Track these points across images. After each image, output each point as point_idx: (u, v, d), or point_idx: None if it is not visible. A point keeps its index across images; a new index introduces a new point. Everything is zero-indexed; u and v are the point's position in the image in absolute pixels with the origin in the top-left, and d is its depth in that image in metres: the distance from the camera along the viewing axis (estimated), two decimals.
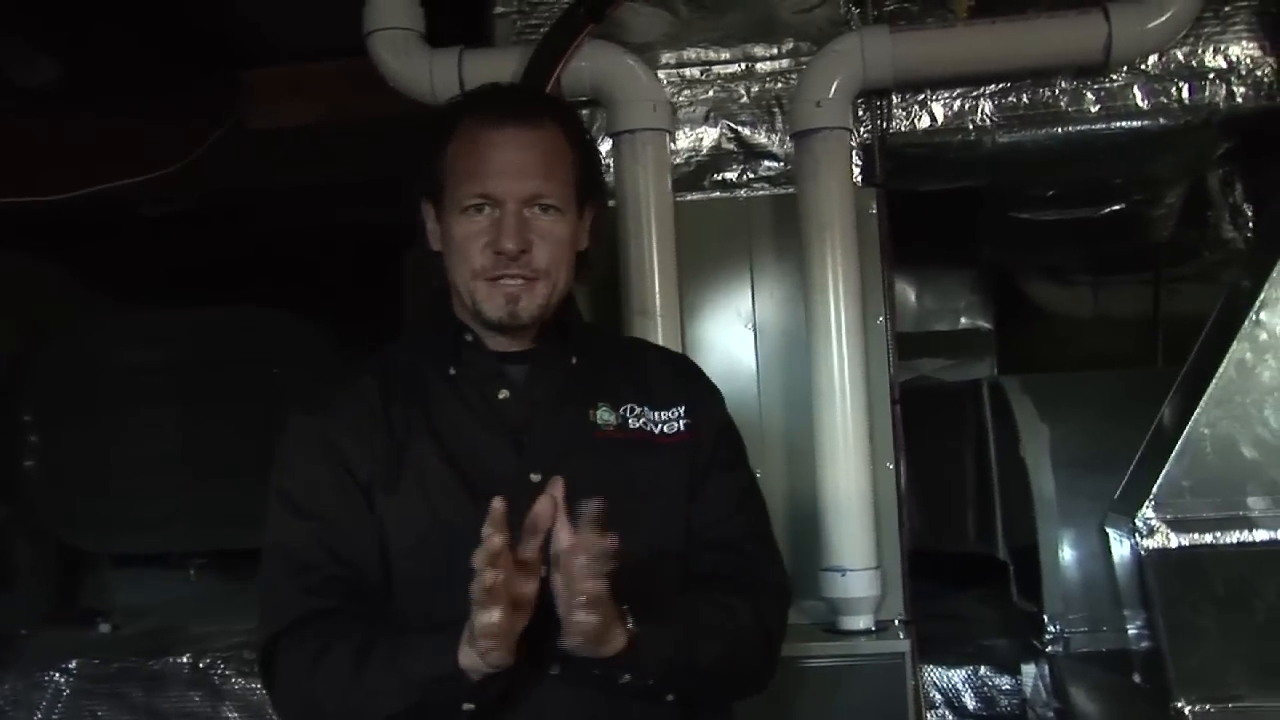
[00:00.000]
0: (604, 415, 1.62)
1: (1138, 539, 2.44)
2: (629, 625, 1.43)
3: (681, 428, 1.66)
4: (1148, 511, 2.44)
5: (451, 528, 1.52)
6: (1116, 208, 3.49)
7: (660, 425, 1.65)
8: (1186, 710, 2.32)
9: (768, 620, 1.64)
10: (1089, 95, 2.75)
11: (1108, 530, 2.70)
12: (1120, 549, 2.65)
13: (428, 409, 1.59)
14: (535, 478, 1.53)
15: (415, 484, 1.55)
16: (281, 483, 1.60)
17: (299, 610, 1.52)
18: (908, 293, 4.26)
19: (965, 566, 3.41)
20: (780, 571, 1.71)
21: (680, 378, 1.73)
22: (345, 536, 1.54)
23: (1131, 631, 2.67)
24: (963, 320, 4.35)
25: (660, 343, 2.60)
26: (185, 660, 3.48)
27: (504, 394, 1.61)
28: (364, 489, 1.55)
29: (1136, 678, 2.62)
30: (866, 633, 2.61)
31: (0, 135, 3.60)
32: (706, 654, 1.53)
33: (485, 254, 1.55)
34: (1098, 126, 2.78)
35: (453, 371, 1.62)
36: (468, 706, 1.43)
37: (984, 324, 4.35)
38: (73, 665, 3.53)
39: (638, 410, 1.64)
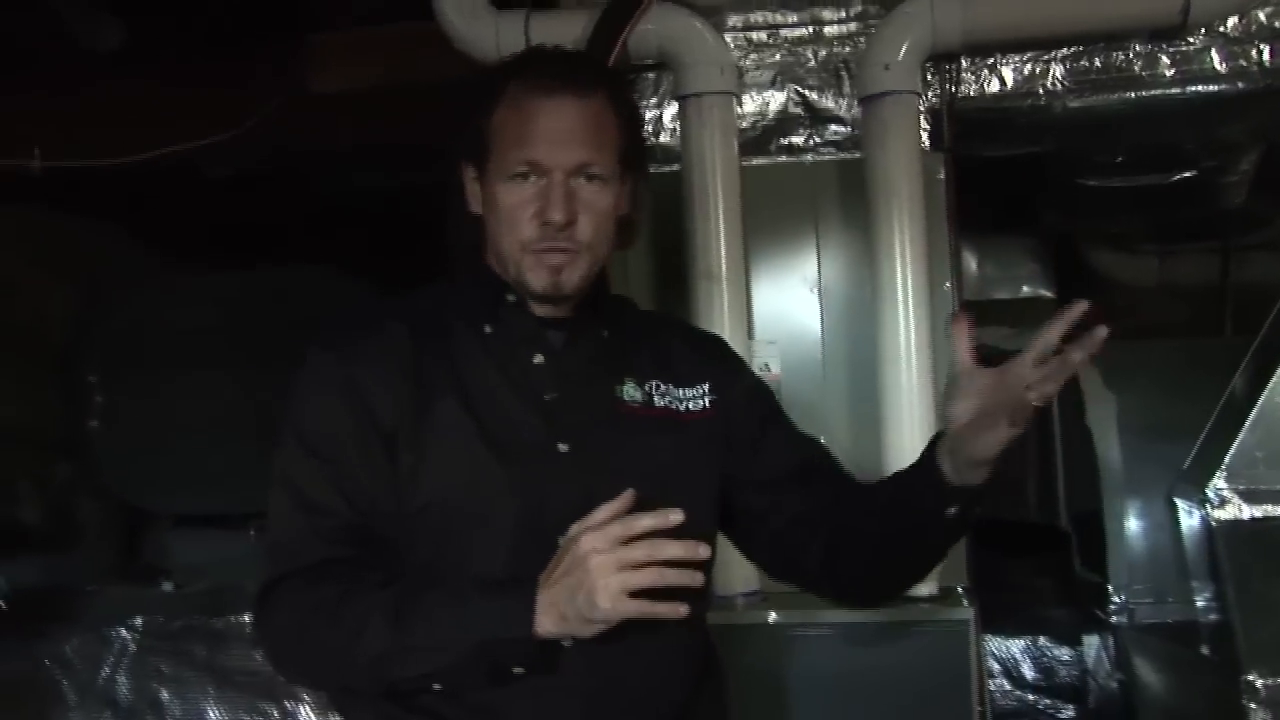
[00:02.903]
0: (630, 391, 1.60)
1: (1208, 510, 2.41)
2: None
3: (707, 404, 1.64)
4: (1219, 482, 2.41)
5: (475, 490, 1.49)
6: (1187, 174, 3.43)
7: (685, 403, 1.64)
8: (1258, 683, 2.29)
9: None
10: (1164, 59, 2.70)
11: (1175, 500, 2.67)
12: (1189, 520, 2.62)
13: (455, 364, 1.55)
14: (562, 448, 1.52)
15: (440, 441, 1.50)
16: (298, 420, 1.54)
17: (314, 555, 1.47)
18: (969, 260, 4.22)
19: (1023, 535, 3.38)
20: None
21: (705, 354, 1.72)
22: (362, 485, 1.49)
23: (1199, 603, 2.64)
24: (1024, 288, 4.31)
25: (725, 307, 2.61)
26: (246, 619, 3.52)
27: (539, 359, 1.57)
28: (385, 438, 1.50)
29: (1204, 650, 2.60)
30: (929, 599, 2.59)
31: (65, 98, 3.64)
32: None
33: (532, 225, 1.52)
34: (1172, 91, 2.72)
35: (488, 329, 1.58)
36: (518, 670, 1.40)
37: (1045, 292, 4.30)
38: (138, 622, 3.59)
39: (663, 388, 1.63)
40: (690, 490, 1.57)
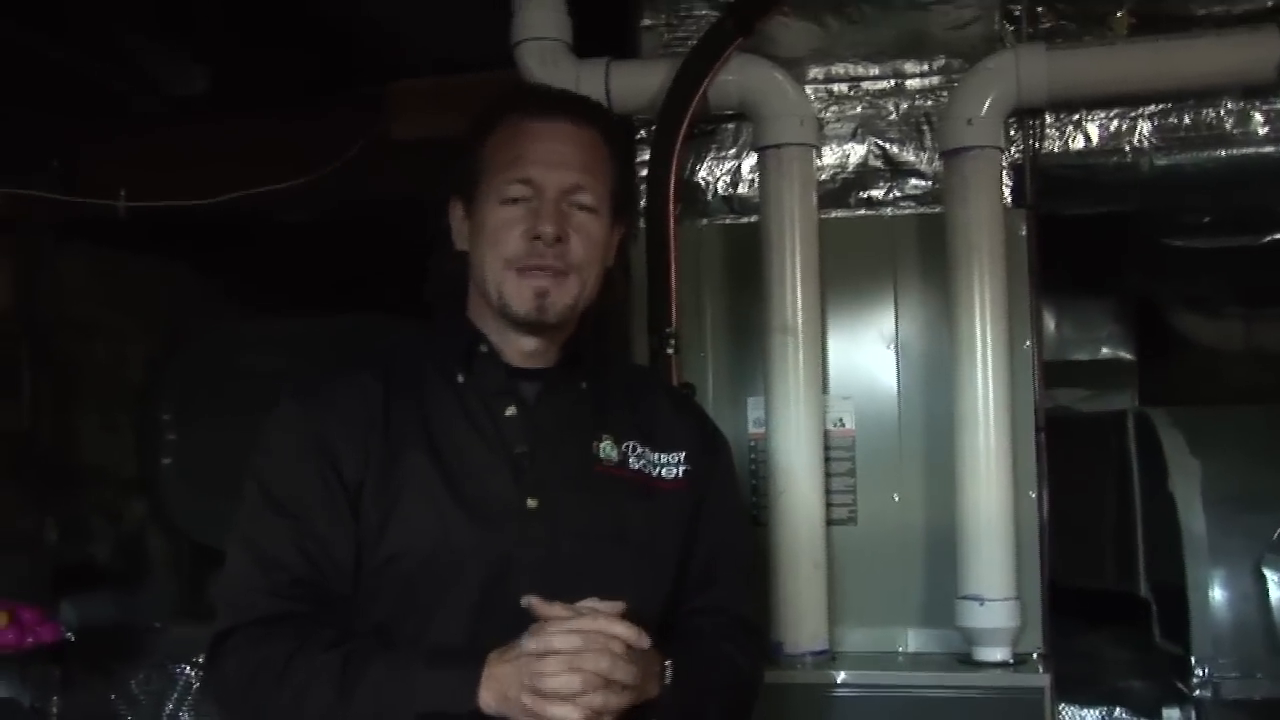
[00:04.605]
0: (607, 449, 1.58)
1: None
2: (665, 679, 1.44)
3: (680, 474, 1.62)
4: None
5: (439, 545, 1.47)
6: (1278, 236, 3.35)
7: (659, 469, 1.61)
8: None
9: (759, 668, 1.68)
10: (1257, 116, 2.63)
11: (1265, 571, 2.59)
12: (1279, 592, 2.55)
13: (426, 415, 1.53)
14: (531, 504, 1.50)
15: (406, 494, 1.49)
16: (261, 470, 1.53)
17: (263, 610, 1.46)
18: (1047, 320, 4.15)
19: (1100, 604, 3.30)
20: (756, 614, 1.76)
21: (685, 423, 1.69)
22: (321, 540, 1.47)
23: None
24: (1104, 350, 4.23)
25: (800, 361, 2.57)
26: None
27: (511, 411, 1.55)
28: (349, 492, 1.48)
29: None
30: (1004, 665, 2.52)
31: (149, 143, 3.72)
32: (715, 709, 1.55)
33: (520, 241, 1.51)
34: (1265, 150, 2.65)
35: (460, 379, 1.56)
36: None
37: (1125, 355, 4.22)
38: (202, 660, 3.59)
39: (639, 450, 1.60)
40: (658, 560, 1.57)
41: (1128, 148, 2.72)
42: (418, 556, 1.48)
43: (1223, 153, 2.69)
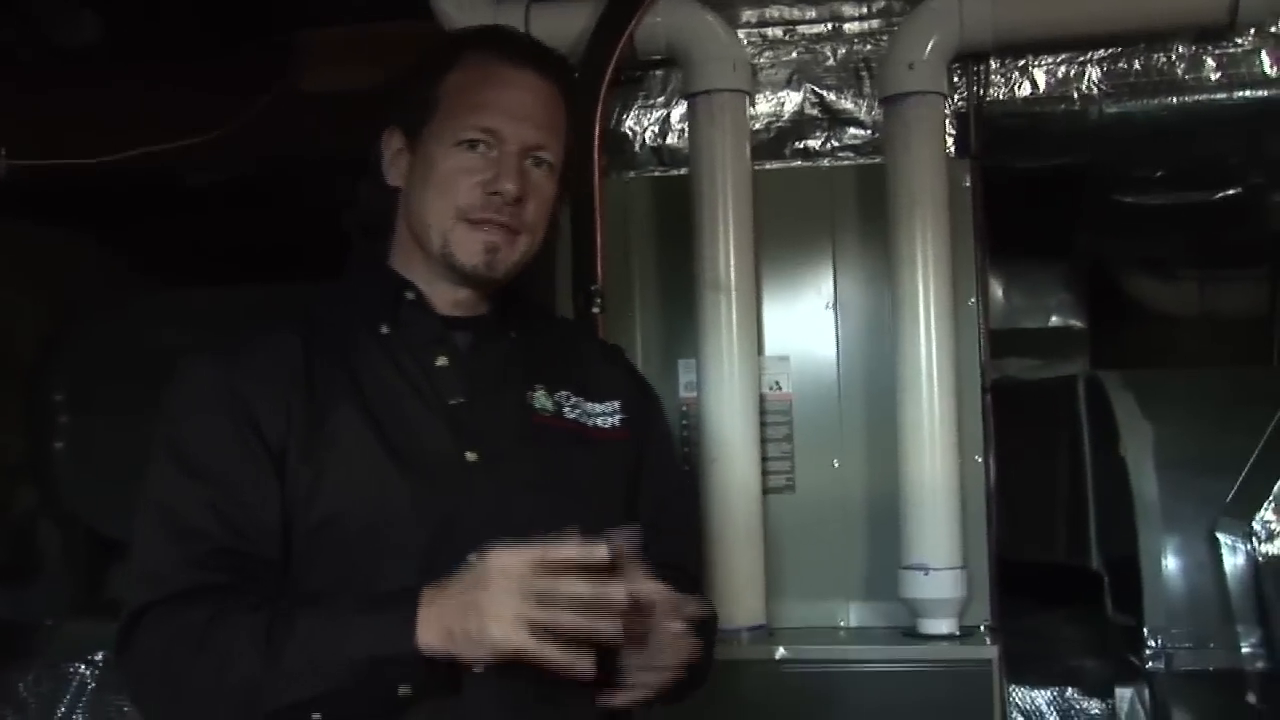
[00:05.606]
0: (541, 399, 1.58)
1: (1254, 545, 2.36)
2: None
3: (617, 423, 1.63)
4: (1267, 514, 2.36)
5: (376, 504, 1.45)
6: (1232, 192, 3.37)
7: (594, 419, 1.62)
8: None
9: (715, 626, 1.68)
10: (1209, 61, 2.64)
11: (1219, 536, 2.61)
12: (1233, 557, 2.56)
13: (354, 370, 1.51)
14: (470, 457, 1.49)
15: (337, 452, 1.46)
16: (170, 433, 1.48)
17: (181, 583, 1.41)
18: (994, 287, 4.16)
19: (1050, 580, 3.31)
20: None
21: (615, 372, 1.71)
22: (241, 504, 1.44)
23: (1245, 650, 2.57)
24: (1054, 319, 4.25)
25: (734, 319, 2.56)
26: None
27: (442, 361, 1.54)
28: (272, 452, 1.45)
29: (1251, 699, 2.53)
30: (950, 638, 2.54)
31: (35, 96, 3.61)
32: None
33: (474, 192, 1.50)
34: (1218, 97, 2.66)
35: (385, 330, 1.54)
36: (404, 690, 1.34)
37: (1076, 323, 4.25)
38: (98, 658, 3.52)
39: (573, 399, 1.61)
40: (606, 512, 1.54)
41: (1076, 95, 2.72)
42: (355, 518, 1.45)
43: (1174, 100, 2.70)
